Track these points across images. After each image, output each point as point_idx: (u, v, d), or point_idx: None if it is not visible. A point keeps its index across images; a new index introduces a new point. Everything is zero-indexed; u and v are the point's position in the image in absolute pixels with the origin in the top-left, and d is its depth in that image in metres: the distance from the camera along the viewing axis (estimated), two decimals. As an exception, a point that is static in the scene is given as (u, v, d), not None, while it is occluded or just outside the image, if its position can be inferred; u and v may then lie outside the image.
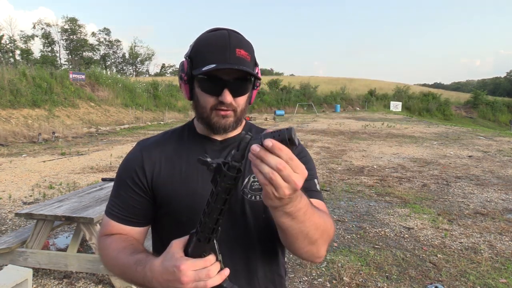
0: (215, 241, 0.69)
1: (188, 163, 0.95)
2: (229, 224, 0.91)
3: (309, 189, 0.98)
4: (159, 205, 0.95)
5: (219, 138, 0.97)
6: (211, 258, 0.69)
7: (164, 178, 0.93)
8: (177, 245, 0.72)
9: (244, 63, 0.86)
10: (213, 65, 0.83)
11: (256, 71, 0.92)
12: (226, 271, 0.70)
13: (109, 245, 0.91)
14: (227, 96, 0.86)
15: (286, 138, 0.60)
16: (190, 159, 0.95)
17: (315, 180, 1.00)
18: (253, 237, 0.94)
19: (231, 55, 0.85)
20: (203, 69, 0.84)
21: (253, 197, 0.93)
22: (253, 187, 0.93)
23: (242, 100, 0.90)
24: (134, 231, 0.96)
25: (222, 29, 0.91)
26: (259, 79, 0.92)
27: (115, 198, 0.96)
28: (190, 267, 0.67)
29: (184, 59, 0.92)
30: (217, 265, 0.70)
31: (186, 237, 0.72)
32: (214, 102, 0.88)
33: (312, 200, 0.95)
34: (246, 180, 0.94)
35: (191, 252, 0.69)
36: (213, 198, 0.64)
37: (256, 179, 0.92)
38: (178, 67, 0.97)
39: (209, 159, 0.64)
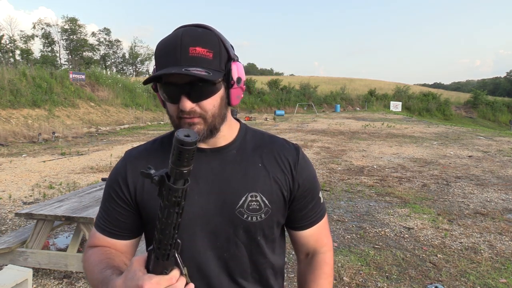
0: (177, 254, 0.64)
1: None
2: (219, 244, 0.86)
3: (313, 211, 0.96)
4: (145, 220, 0.89)
5: (207, 146, 0.88)
6: (175, 273, 0.63)
7: (149, 192, 0.86)
8: (138, 263, 0.65)
9: (201, 61, 0.76)
10: (160, 72, 0.75)
11: (232, 67, 0.80)
12: (191, 286, 0.65)
13: (89, 257, 0.87)
14: (185, 103, 0.77)
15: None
16: None
17: (320, 194, 0.98)
18: (244, 258, 0.88)
19: (182, 56, 0.75)
20: (149, 76, 0.78)
21: (249, 218, 0.86)
22: (250, 207, 0.86)
23: (209, 104, 0.79)
24: (120, 244, 0.91)
25: (180, 27, 0.82)
26: (212, 81, 0.77)
27: (102, 210, 0.93)
28: (154, 286, 0.61)
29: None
30: (183, 280, 0.64)
31: (146, 254, 0.66)
32: (177, 110, 0.79)
33: (316, 226, 0.97)
34: (243, 199, 0.86)
35: (152, 270, 0.64)
36: (163, 213, 0.59)
37: (254, 199, 0.86)
38: None
39: (152, 171, 0.59)
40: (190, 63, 0.75)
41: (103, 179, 4.39)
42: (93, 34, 64.99)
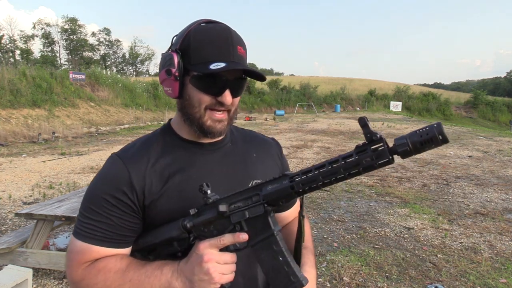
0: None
1: (181, 174, 0.85)
2: None
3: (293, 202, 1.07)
4: (152, 222, 0.84)
5: (206, 141, 0.89)
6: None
7: (158, 194, 0.83)
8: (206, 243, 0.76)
9: (243, 60, 0.81)
10: (223, 64, 0.75)
11: None
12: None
13: (105, 269, 0.78)
14: (228, 97, 0.80)
15: (437, 135, 0.56)
16: (183, 169, 0.86)
17: None
18: None
19: (234, 53, 0.78)
20: (212, 67, 0.75)
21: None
22: None
23: (237, 100, 0.85)
24: (125, 252, 0.84)
25: (218, 22, 0.83)
26: (265, 79, 0.84)
27: (94, 221, 0.80)
28: (214, 256, 0.74)
29: (170, 52, 0.81)
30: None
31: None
32: (210, 102, 0.81)
33: (295, 207, 1.08)
34: (250, 185, 0.92)
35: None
36: (350, 163, 0.65)
37: None
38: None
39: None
40: (239, 60, 0.79)
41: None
42: (93, 34, 64.98)
